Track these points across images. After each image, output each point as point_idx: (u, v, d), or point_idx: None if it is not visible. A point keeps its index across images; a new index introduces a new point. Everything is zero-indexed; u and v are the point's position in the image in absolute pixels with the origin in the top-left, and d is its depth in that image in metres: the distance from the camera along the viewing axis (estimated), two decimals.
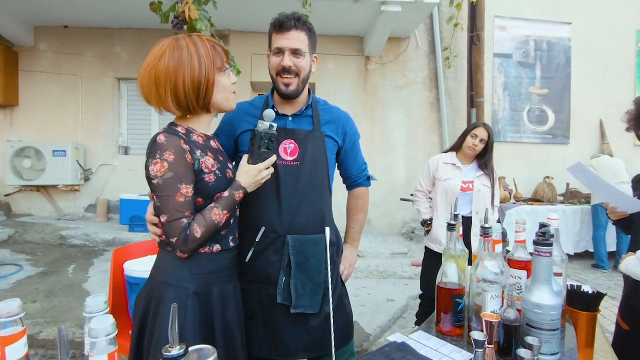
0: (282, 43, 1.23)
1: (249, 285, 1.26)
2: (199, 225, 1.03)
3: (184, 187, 1.03)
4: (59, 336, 0.46)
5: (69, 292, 3.20)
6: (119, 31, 5.34)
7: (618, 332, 1.69)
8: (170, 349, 0.44)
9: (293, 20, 1.22)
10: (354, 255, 1.50)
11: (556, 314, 0.93)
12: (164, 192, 1.02)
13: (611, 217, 1.59)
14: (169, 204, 1.01)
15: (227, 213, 1.08)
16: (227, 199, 1.08)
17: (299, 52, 1.24)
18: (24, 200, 5.41)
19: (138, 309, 1.10)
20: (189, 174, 1.05)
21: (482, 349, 0.84)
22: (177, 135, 1.05)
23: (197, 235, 1.02)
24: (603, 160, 4.96)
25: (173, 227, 1.01)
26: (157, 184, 1.02)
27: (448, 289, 1.09)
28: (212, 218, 1.05)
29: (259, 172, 1.12)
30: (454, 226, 1.12)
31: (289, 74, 1.24)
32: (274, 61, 1.26)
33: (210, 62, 1.07)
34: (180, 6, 3.02)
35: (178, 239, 1.01)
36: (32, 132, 5.31)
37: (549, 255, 0.95)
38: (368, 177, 1.55)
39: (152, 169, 1.02)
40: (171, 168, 1.01)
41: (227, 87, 1.12)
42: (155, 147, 1.03)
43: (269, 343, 1.25)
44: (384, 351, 0.96)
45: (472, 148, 2.37)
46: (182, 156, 1.03)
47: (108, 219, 5.40)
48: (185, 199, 1.03)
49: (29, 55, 5.31)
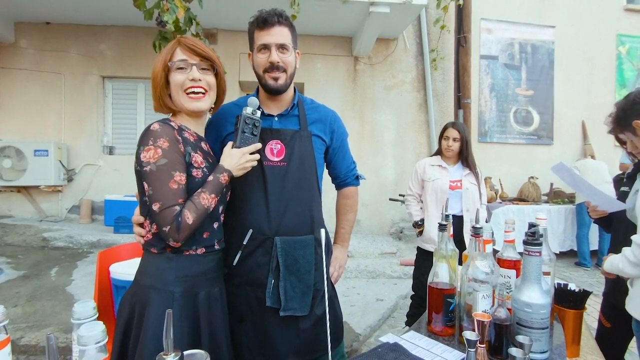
0: (268, 39, 1.21)
1: (237, 288, 1.24)
2: (190, 212, 1.01)
3: (178, 174, 1.02)
4: (47, 345, 0.44)
5: (52, 296, 3.11)
6: (103, 28, 5.23)
7: (600, 329, 1.74)
8: (165, 356, 0.42)
9: (276, 16, 1.20)
10: (344, 256, 1.49)
11: (546, 313, 0.95)
12: (158, 178, 1.00)
13: (592, 215, 1.64)
14: (162, 191, 1.00)
15: (215, 197, 1.06)
16: (213, 182, 1.07)
17: (285, 47, 1.22)
18: (4, 201, 5.24)
19: (122, 313, 1.07)
20: (183, 162, 1.04)
21: (475, 348, 0.84)
22: (170, 126, 1.06)
23: (190, 222, 1.00)
24: (587, 162, 5.13)
25: (165, 215, 0.99)
26: (150, 170, 1.00)
27: (439, 289, 1.09)
28: (201, 203, 1.03)
29: (242, 155, 1.10)
30: (446, 226, 1.12)
31: (277, 70, 1.23)
32: (260, 59, 1.23)
33: (162, 59, 1.09)
34: (165, 3, 2.97)
35: (171, 227, 0.99)
36: (12, 131, 5.15)
37: (539, 254, 0.96)
38: (357, 177, 1.54)
39: (145, 156, 1.00)
40: (165, 155, 1.00)
41: (179, 83, 1.09)
42: (148, 135, 1.02)
43: (259, 346, 1.23)
44: (377, 352, 0.96)
45: (449, 149, 2.45)
46: (176, 144, 1.03)
47: (92, 221, 5.28)
48: (179, 187, 1.02)
49: (9, 52, 5.15)
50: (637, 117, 1.43)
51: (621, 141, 1.54)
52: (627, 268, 1.26)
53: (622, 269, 1.29)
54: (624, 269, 1.27)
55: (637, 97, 1.47)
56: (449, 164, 2.52)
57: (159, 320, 1.00)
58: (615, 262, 1.37)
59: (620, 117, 1.51)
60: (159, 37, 3.04)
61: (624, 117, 1.49)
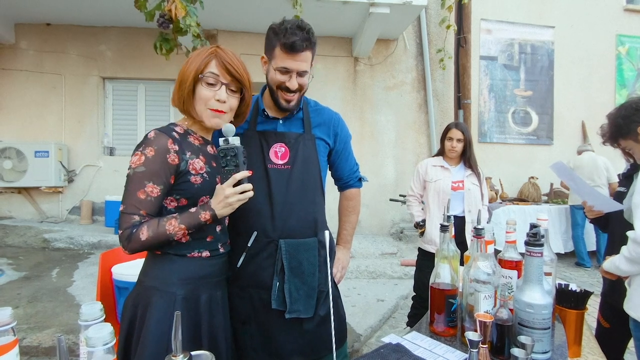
0: (291, 65, 1.18)
1: (241, 290, 1.25)
2: (147, 229, 1.00)
3: (150, 185, 1.02)
4: (58, 347, 0.45)
5: (53, 297, 3.11)
6: (104, 29, 5.24)
7: (599, 329, 1.75)
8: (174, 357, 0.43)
9: (305, 42, 1.16)
10: (347, 257, 1.50)
11: (547, 313, 0.95)
12: (130, 184, 1.02)
13: (588, 215, 1.65)
14: (129, 197, 1.02)
15: (184, 229, 1.02)
16: (190, 215, 1.03)
17: (305, 73, 1.22)
18: (4, 202, 5.24)
19: (125, 313, 1.08)
20: (162, 175, 1.02)
21: (477, 349, 0.85)
22: (168, 134, 1.05)
23: (142, 238, 0.99)
24: (584, 158, 4.95)
25: (124, 219, 1.01)
26: (128, 174, 1.03)
27: (441, 289, 1.10)
28: (165, 227, 1.00)
29: (222, 191, 1.02)
30: (447, 227, 1.13)
31: (292, 94, 1.23)
32: (278, 78, 1.21)
33: (194, 67, 1.08)
34: (167, 5, 2.98)
35: (124, 233, 1.01)
36: (13, 132, 5.16)
37: (540, 255, 0.97)
38: (360, 178, 1.55)
39: (132, 159, 1.04)
40: (146, 163, 1.02)
41: (204, 100, 1.08)
42: (143, 141, 1.05)
43: (264, 348, 1.24)
44: (379, 353, 0.97)
45: (453, 150, 2.46)
46: (163, 155, 1.02)
47: (93, 222, 5.28)
48: (147, 198, 1.01)
49: (9, 53, 5.16)
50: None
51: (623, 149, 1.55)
52: (623, 264, 1.27)
53: (618, 266, 1.30)
54: (620, 266, 1.29)
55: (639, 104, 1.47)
56: (451, 165, 2.52)
57: (160, 321, 1.01)
58: (613, 260, 1.38)
59: (621, 125, 1.51)
60: (160, 39, 3.04)
61: (625, 124, 1.49)
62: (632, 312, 1.32)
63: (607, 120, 1.57)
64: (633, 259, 1.26)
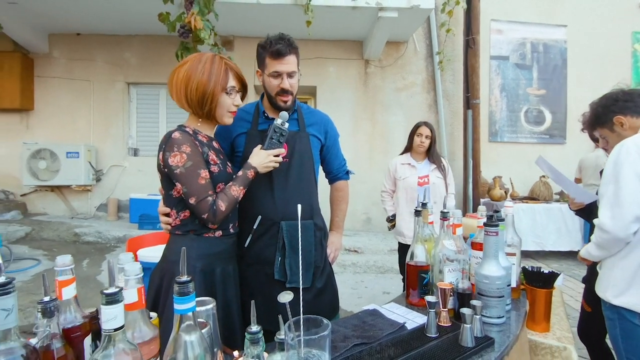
0: (281, 68, 1.39)
1: (249, 267, 1.45)
2: (222, 201, 1.23)
3: (203, 171, 1.23)
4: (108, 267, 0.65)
5: (84, 284, 3.42)
6: (128, 38, 5.59)
7: (582, 314, 1.86)
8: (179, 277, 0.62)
9: (288, 47, 1.38)
10: (340, 240, 1.69)
11: (501, 284, 1.11)
12: (189, 178, 1.21)
13: (571, 207, 1.76)
14: (195, 187, 1.21)
15: (243, 189, 1.29)
16: (242, 177, 1.29)
17: (293, 74, 1.43)
18: (39, 200, 5.67)
19: (152, 284, 1.29)
20: (204, 161, 1.25)
21: (434, 309, 1.02)
22: (187, 132, 1.27)
23: (223, 209, 1.23)
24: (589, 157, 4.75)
25: (202, 205, 1.21)
26: (181, 172, 1.21)
27: (415, 265, 1.27)
28: (232, 194, 1.25)
29: (267, 156, 1.31)
30: (420, 212, 1.30)
31: (287, 95, 1.44)
32: (272, 83, 1.43)
33: (218, 81, 1.27)
34: (187, 17, 3.24)
35: (208, 215, 1.21)
36: (46, 134, 5.58)
37: (496, 234, 1.12)
38: (347, 172, 1.76)
39: (173, 161, 1.21)
40: (190, 158, 1.21)
41: (227, 106, 1.32)
42: (171, 142, 1.22)
43: (267, 316, 1.43)
44: (357, 315, 1.15)
45: (421, 145, 2.70)
46: (196, 147, 1.24)
47: (118, 218, 5.64)
48: (206, 182, 1.23)
49: (43, 62, 5.58)
50: (618, 113, 1.52)
51: (594, 139, 1.65)
52: (593, 250, 1.39)
53: (590, 252, 1.41)
54: (591, 251, 1.40)
55: (619, 95, 1.55)
56: (418, 161, 2.76)
57: None
58: (587, 247, 1.50)
59: (600, 114, 1.59)
60: (181, 47, 3.30)
61: (604, 113, 1.57)
62: (601, 293, 1.43)
63: (589, 108, 1.64)
64: (599, 244, 1.37)
